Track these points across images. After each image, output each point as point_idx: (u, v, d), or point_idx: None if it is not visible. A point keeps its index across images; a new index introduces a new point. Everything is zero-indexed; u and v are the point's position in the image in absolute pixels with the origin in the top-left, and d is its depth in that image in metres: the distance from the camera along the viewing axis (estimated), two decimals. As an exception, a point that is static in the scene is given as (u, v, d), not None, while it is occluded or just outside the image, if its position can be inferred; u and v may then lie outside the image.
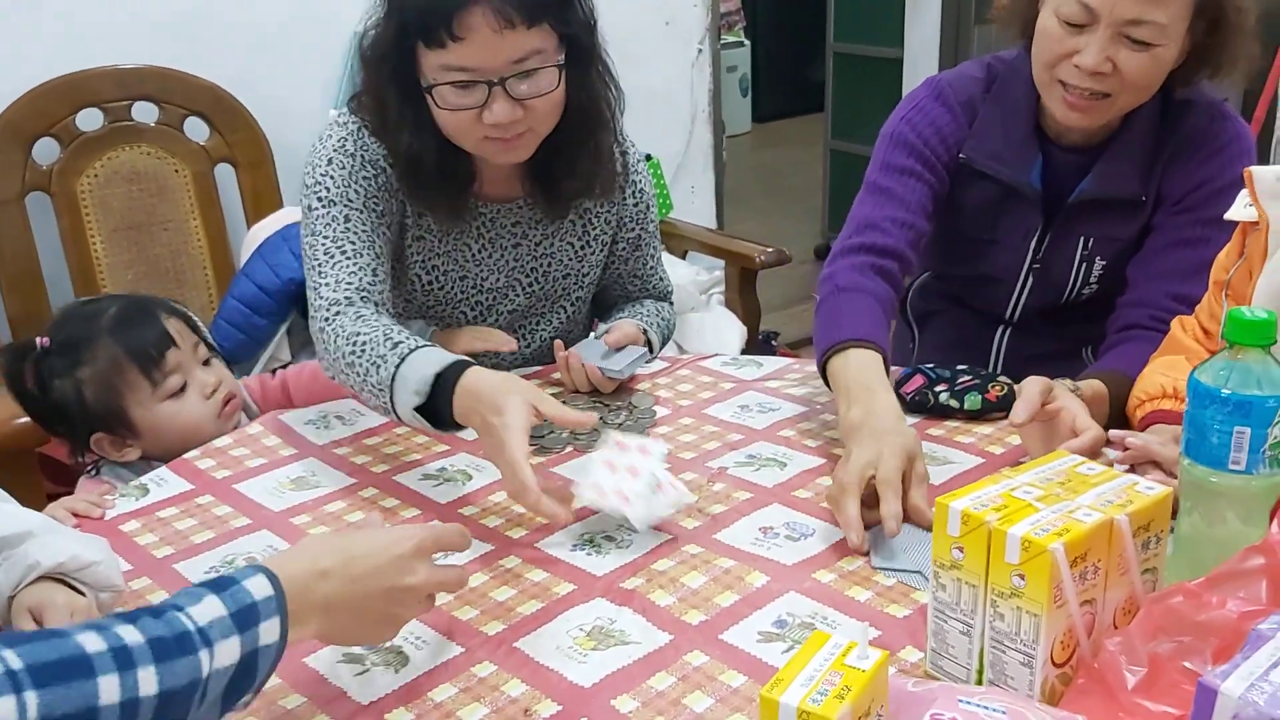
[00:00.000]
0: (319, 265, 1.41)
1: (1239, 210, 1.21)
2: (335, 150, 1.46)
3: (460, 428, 1.24)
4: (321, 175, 1.45)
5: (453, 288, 1.57)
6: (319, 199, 1.44)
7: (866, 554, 1.11)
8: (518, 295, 1.61)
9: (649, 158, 2.74)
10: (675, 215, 2.89)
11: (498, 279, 1.58)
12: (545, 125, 1.41)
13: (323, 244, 1.41)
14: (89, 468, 1.49)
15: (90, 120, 2.19)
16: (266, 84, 2.38)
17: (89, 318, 1.46)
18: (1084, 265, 1.54)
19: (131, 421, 1.44)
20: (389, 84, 1.39)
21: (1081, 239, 1.52)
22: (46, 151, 2.16)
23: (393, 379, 1.25)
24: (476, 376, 1.21)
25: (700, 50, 3.09)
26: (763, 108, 6.59)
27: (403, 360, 1.26)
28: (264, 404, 1.63)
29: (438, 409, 1.23)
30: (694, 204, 3.17)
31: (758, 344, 2.60)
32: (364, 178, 1.45)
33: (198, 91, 2.27)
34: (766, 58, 6.50)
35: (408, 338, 1.29)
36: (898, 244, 1.46)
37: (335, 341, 1.33)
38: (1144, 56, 1.34)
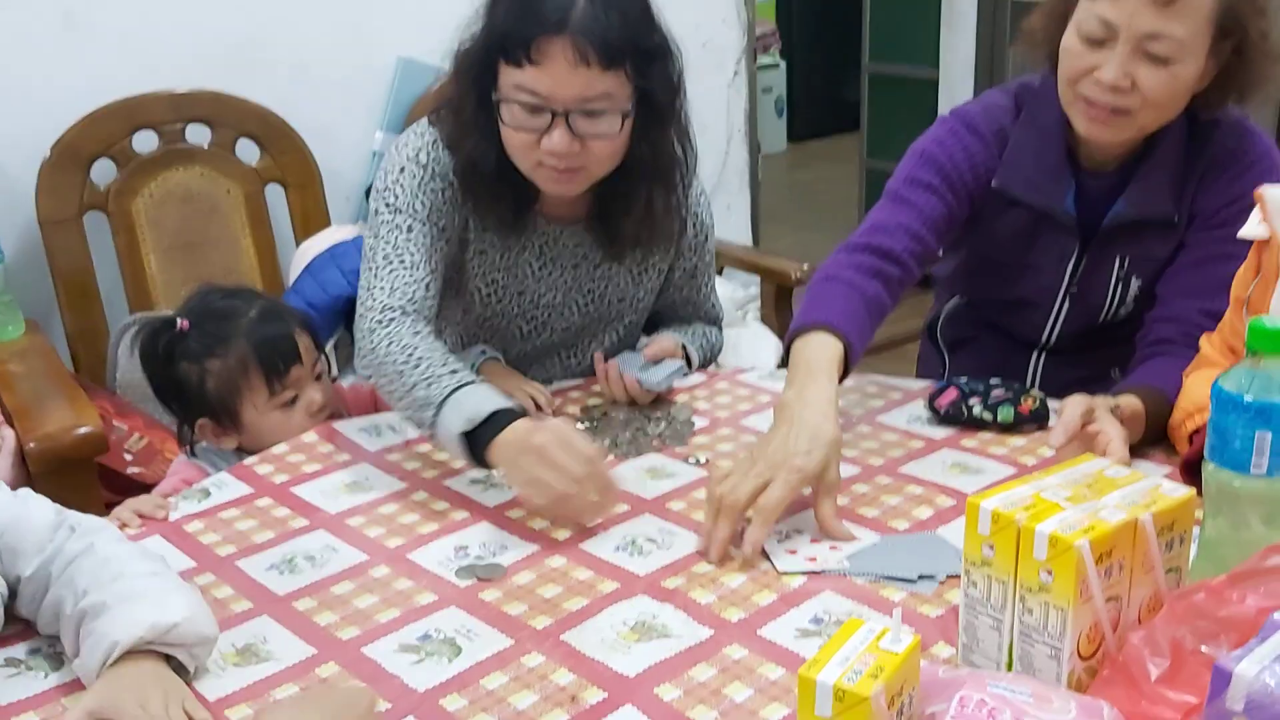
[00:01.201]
0: (377, 269, 1.46)
1: (1252, 228, 1.24)
2: (409, 160, 1.51)
3: (487, 466, 1.29)
4: (393, 182, 1.50)
5: (510, 302, 1.62)
6: (386, 205, 1.49)
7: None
8: (573, 314, 1.66)
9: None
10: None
11: (555, 296, 1.63)
12: (600, 167, 1.46)
13: (384, 249, 1.47)
14: (187, 447, 1.59)
15: (146, 142, 2.27)
16: (314, 107, 2.45)
17: (229, 315, 1.55)
18: (1120, 286, 1.55)
19: (240, 419, 1.54)
20: (470, 89, 1.45)
21: (1117, 259, 1.54)
22: (104, 172, 2.23)
23: (445, 399, 1.30)
24: (528, 423, 1.27)
25: (736, 72, 3.15)
26: (798, 127, 6.63)
27: (460, 387, 1.31)
28: (353, 411, 1.67)
29: (477, 439, 1.28)
30: (730, 222, 3.22)
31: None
32: (431, 190, 1.50)
33: (248, 115, 2.34)
34: (802, 78, 6.55)
35: (464, 368, 1.36)
36: (902, 251, 1.47)
37: (388, 346, 1.39)
38: (1163, 73, 1.36)
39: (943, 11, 3.99)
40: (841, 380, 1.34)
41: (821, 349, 1.32)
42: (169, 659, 0.98)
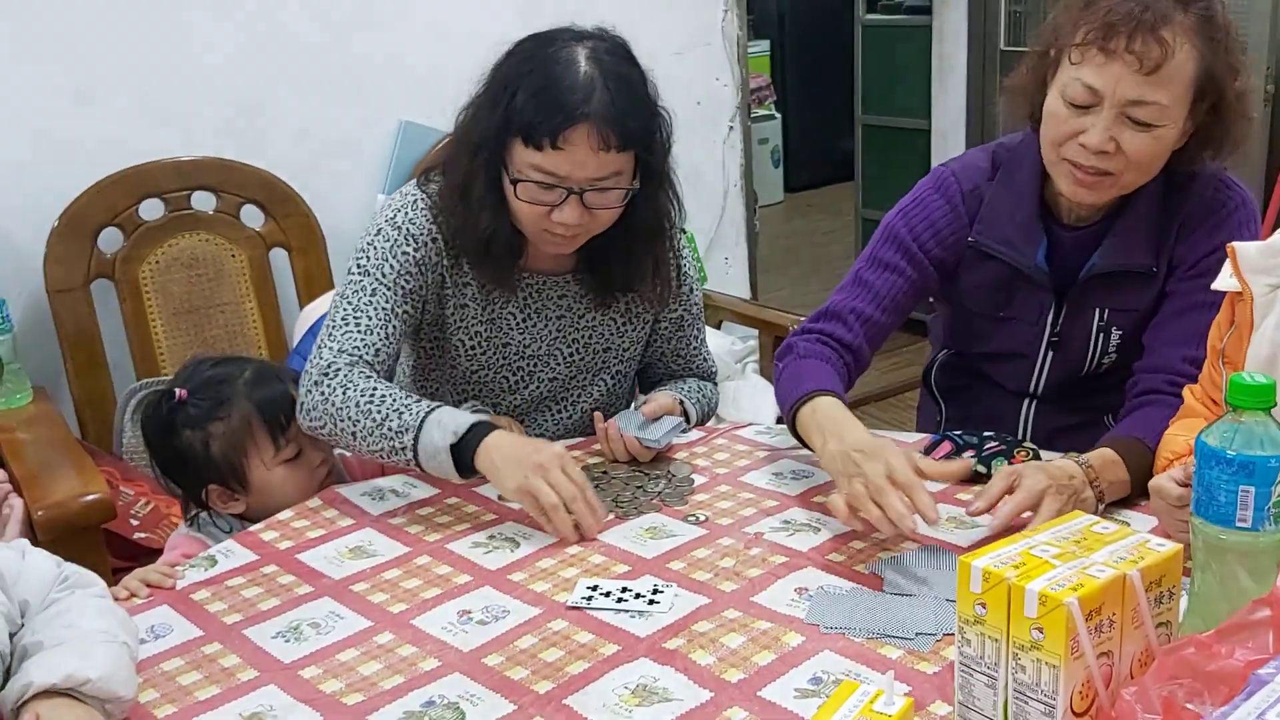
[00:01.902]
0: (332, 329, 1.53)
1: (1224, 281, 1.27)
2: (386, 222, 1.57)
3: (476, 475, 1.40)
4: (367, 244, 1.57)
5: (495, 354, 1.66)
6: (358, 265, 1.56)
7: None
8: (559, 365, 1.69)
9: (684, 232, 2.83)
10: (710, 286, 2.97)
11: (540, 347, 1.67)
12: (599, 230, 1.54)
13: (344, 309, 1.54)
14: (186, 520, 1.60)
15: (152, 210, 2.31)
16: (318, 171, 2.50)
17: (225, 379, 1.57)
18: (1101, 337, 1.58)
19: (248, 479, 1.55)
20: (481, 168, 1.50)
21: (1096, 311, 1.57)
22: (111, 240, 2.27)
23: (423, 420, 1.42)
24: (510, 433, 1.42)
25: (731, 127, 3.20)
26: (795, 178, 6.70)
27: (434, 409, 1.43)
28: (357, 475, 1.69)
29: (462, 450, 1.40)
30: (729, 275, 3.26)
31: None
32: (403, 253, 1.55)
33: (253, 180, 2.39)
34: (797, 130, 6.63)
35: (425, 400, 1.46)
36: (855, 339, 1.58)
37: (344, 393, 1.46)
38: (1146, 137, 1.39)
39: (933, 64, 4.05)
40: None
41: (834, 407, 1.42)
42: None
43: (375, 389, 1.46)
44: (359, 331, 1.52)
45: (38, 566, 1.15)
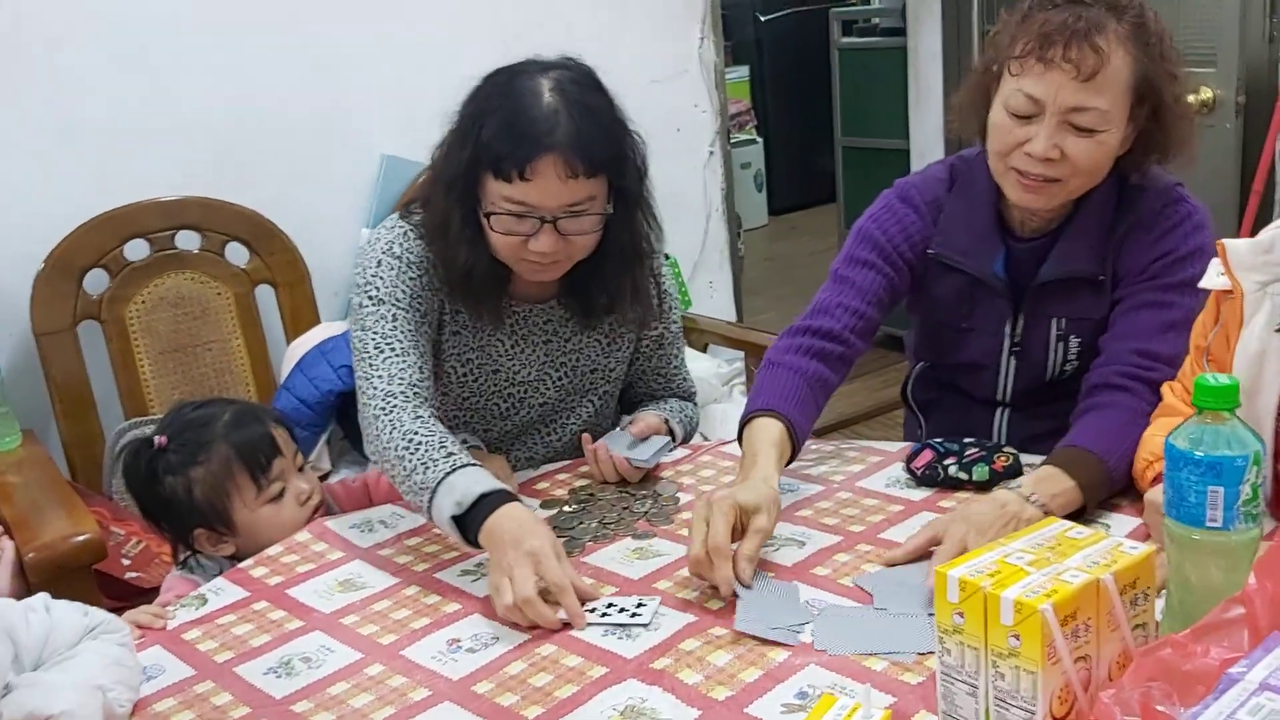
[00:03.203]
0: (369, 358, 1.52)
1: (1212, 279, 1.29)
2: (384, 253, 1.58)
3: (478, 548, 1.34)
4: (372, 275, 1.57)
5: (485, 380, 1.68)
6: (369, 297, 1.56)
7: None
8: (548, 389, 1.71)
9: (666, 257, 2.85)
10: (696, 310, 3.00)
11: (529, 373, 1.69)
12: (580, 255, 1.55)
13: (373, 339, 1.53)
14: (179, 563, 1.60)
15: (137, 250, 2.32)
16: (301, 207, 2.51)
17: (205, 422, 1.57)
18: (1061, 345, 1.61)
19: (233, 521, 1.55)
20: (455, 204, 1.52)
21: (1054, 320, 1.60)
22: (96, 281, 2.28)
23: (439, 484, 1.37)
24: (517, 508, 1.34)
25: (711, 152, 3.23)
26: (778, 200, 6.74)
27: (454, 470, 1.38)
28: (345, 506, 1.70)
29: (468, 522, 1.34)
30: (713, 298, 3.28)
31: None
32: (409, 278, 1.57)
33: (237, 218, 2.40)
34: (779, 153, 6.68)
35: (460, 451, 1.42)
36: (842, 329, 1.59)
37: (390, 433, 1.45)
38: (1089, 142, 1.44)
39: (909, 85, 4.09)
40: (793, 457, 1.48)
41: (764, 431, 1.45)
42: None
43: (415, 433, 1.44)
44: (397, 355, 1.52)
45: (63, 621, 1.16)
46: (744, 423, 1.49)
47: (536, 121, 1.44)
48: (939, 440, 1.55)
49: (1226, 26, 3.04)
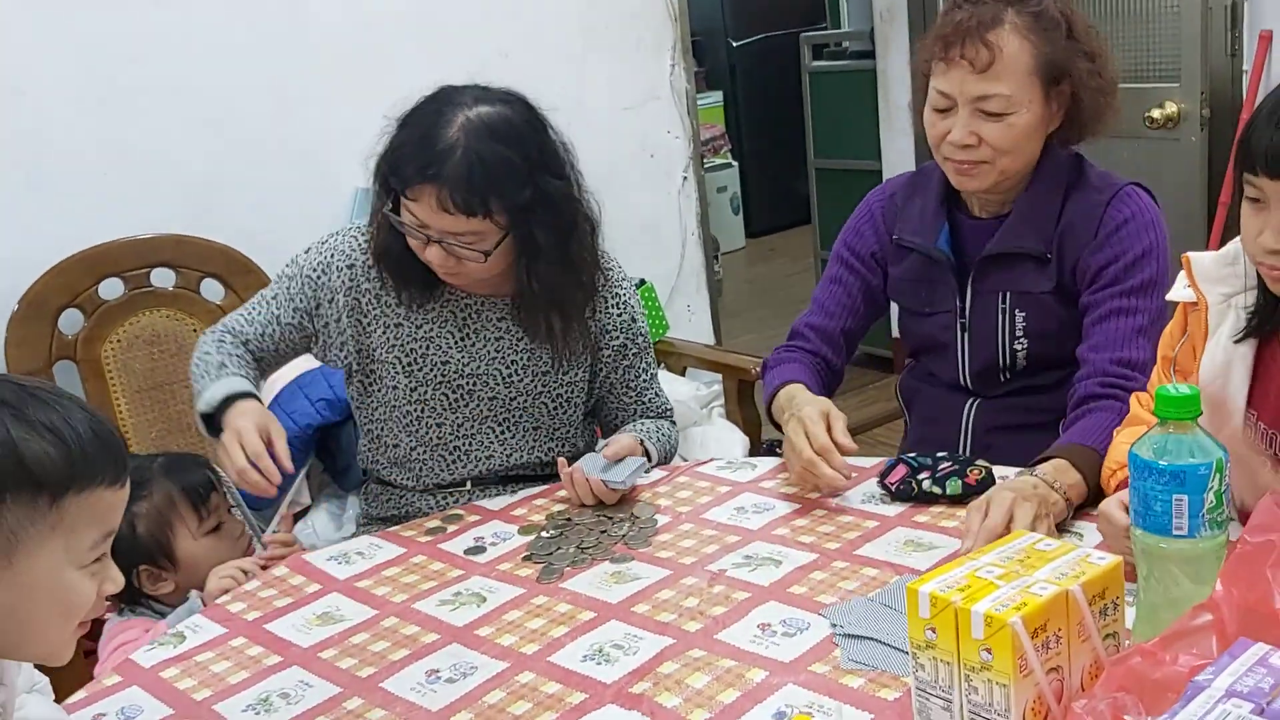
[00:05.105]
0: (249, 303, 1.76)
1: (1178, 292, 1.31)
2: (322, 241, 1.76)
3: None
4: (301, 253, 1.76)
5: (433, 371, 1.72)
6: (288, 264, 1.76)
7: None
8: (497, 384, 1.73)
9: (643, 283, 2.86)
10: (674, 334, 3.00)
11: (478, 366, 1.72)
12: (481, 275, 1.62)
13: (262, 293, 1.76)
14: (118, 609, 1.61)
15: (111, 289, 2.32)
16: (275, 241, 2.49)
17: (139, 464, 1.61)
18: (1006, 320, 1.70)
19: (175, 555, 1.60)
20: (381, 191, 1.63)
21: (1000, 295, 1.69)
22: (71, 321, 2.28)
23: (204, 390, 1.63)
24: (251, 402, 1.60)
25: (685, 178, 3.25)
26: (755, 223, 6.77)
27: (214, 382, 1.63)
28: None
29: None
30: (691, 322, 3.29)
31: (761, 453, 2.67)
32: (308, 273, 1.73)
33: (211, 254, 2.40)
34: (755, 177, 6.71)
35: (237, 372, 1.65)
36: (817, 348, 1.81)
37: (200, 349, 1.71)
38: (1001, 125, 1.57)
39: (880, 106, 4.13)
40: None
41: (793, 389, 1.67)
42: None
43: (211, 356, 1.67)
44: (254, 308, 1.75)
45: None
46: (770, 398, 1.70)
47: (429, 151, 1.52)
48: (911, 455, 1.56)
49: (1189, 41, 3.08)
